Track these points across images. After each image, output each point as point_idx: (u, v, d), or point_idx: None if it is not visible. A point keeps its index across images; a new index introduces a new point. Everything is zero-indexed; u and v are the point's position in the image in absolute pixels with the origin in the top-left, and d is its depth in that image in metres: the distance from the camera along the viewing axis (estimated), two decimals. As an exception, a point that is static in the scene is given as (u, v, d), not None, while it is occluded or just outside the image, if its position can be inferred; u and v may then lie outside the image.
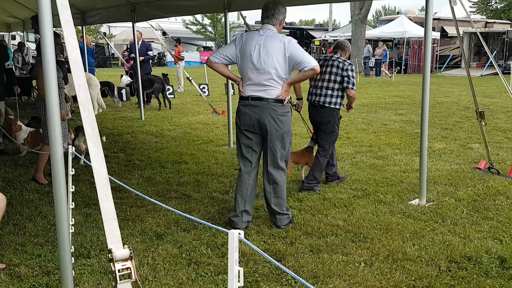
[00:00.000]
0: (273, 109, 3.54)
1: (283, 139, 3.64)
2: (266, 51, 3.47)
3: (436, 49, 25.30)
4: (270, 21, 3.60)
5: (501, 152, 6.32)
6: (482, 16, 42.60)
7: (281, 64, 3.49)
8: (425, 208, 4.13)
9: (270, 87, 3.53)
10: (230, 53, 3.63)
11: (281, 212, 3.71)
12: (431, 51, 16.74)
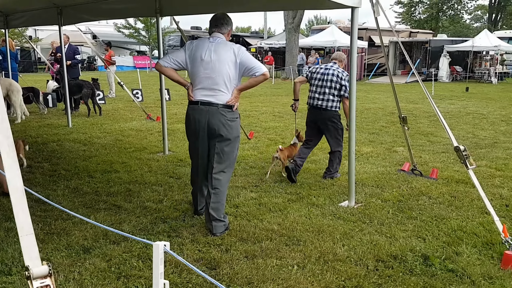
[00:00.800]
0: (222, 114, 3.60)
1: (231, 145, 3.70)
2: (217, 57, 3.55)
3: (364, 58, 26.64)
4: (220, 30, 3.70)
5: (423, 155, 6.75)
6: (406, 26, 45.50)
7: (232, 70, 3.57)
8: (354, 210, 4.29)
9: (220, 92, 3.59)
10: (179, 58, 3.67)
11: (218, 218, 3.69)
12: (360, 59, 17.55)
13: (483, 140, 7.89)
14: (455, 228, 3.83)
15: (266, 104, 13.38)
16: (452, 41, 27.77)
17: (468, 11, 58.43)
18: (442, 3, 52.03)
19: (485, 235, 3.67)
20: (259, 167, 5.92)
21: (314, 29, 32.74)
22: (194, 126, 3.70)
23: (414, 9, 54.61)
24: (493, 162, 6.25)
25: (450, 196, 4.74)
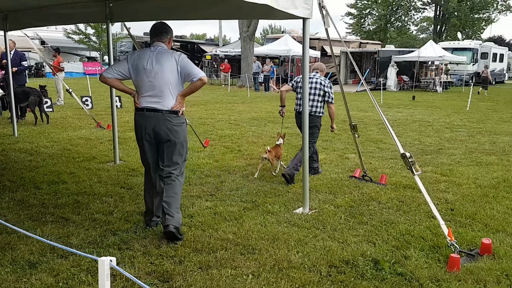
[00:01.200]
0: (168, 120, 3.74)
1: (179, 149, 3.84)
2: (158, 65, 3.70)
3: (318, 66, 27.18)
4: (160, 39, 3.85)
5: (373, 161, 6.97)
6: (357, 37, 47.07)
7: (174, 77, 3.72)
8: (308, 216, 4.35)
9: (165, 99, 3.73)
10: (122, 69, 3.80)
11: (171, 214, 3.73)
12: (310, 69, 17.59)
13: (429, 147, 8.26)
14: (403, 232, 3.96)
15: (222, 111, 13.35)
16: (399, 51, 29.04)
17: (415, 23, 61.44)
18: (390, 15, 54.41)
19: (432, 238, 3.82)
20: (214, 176, 5.88)
21: (269, 38, 33.18)
22: (142, 132, 3.83)
23: (363, 20, 56.72)
24: (438, 167, 6.55)
25: (398, 201, 4.92)
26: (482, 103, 18.13)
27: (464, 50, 30.63)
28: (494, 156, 7.39)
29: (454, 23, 53.52)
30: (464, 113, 14.06)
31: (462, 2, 52.77)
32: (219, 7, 4.73)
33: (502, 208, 4.66)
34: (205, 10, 4.94)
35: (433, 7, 55.96)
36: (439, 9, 54.92)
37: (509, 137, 9.32)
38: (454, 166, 6.66)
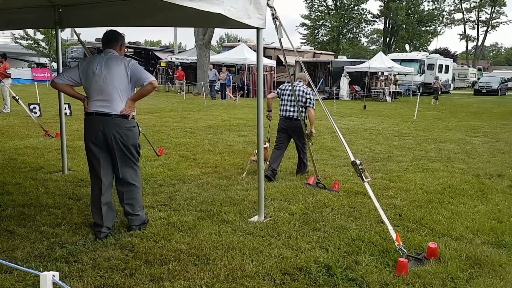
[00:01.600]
0: (118, 124, 3.81)
1: (131, 152, 3.94)
2: (108, 70, 3.77)
3: (274, 76, 27.60)
4: (111, 46, 3.96)
5: (327, 169, 7.12)
6: (311, 47, 48.16)
7: (124, 82, 3.80)
8: (263, 224, 4.37)
9: (114, 103, 3.80)
10: (73, 75, 3.89)
11: (134, 213, 4.04)
12: (269, 78, 18.07)
13: (379, 154, 8.55)
14: (354, 238, 4.07)
15: (177, 119, 13.19)
16: (351, 62, 29.99)
17: (366, 35, 63.87)
18: (342, 27, 56.18)
19: (381, 243, 3.94)
20: (168, 185, 5.78)
21: (225, 46, 33.29)
22: (92, 137, 3.88)
23: (317, 31, 58.23)
24: (387, 174, 6.79)
25: (350, 207, 5.05)
26: (428, 112, 19.03)
27: (411, 61, 32.12)
28: (440, 163, 7.76)
29: (403, 35, 56.08)
30: (412, 122, 14.68)
31: (410, 15, 55.43)
32: (173, 14, 4.69)
33: (447, 213, 4.88)
34: (158, 17, 4.88)
35: (383, 20, 58.42)
36: (388, 21, 57.40)
37: (454, 145, 9.83)
38: (402, 172, 6.93)
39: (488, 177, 6.65)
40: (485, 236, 4.20)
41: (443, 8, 59.13)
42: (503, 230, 4.32)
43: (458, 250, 3.81)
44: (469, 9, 65.57)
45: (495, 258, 3.67)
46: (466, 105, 24.31)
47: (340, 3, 56.35)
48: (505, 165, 7.59)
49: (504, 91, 39.32)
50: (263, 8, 3.99)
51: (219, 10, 3.58)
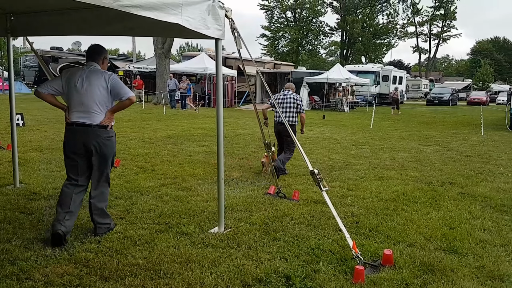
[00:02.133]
0: (97, 134, 4.06)
1: (108, 161, 4.20)
2: (88, 82, 4.00)
3: (235, 86, 27.71)
4: (93, 59, 4.18)
5: (287, 178, 7.18)
6: (271, 58, 48.80)
7: (103, 94, 4.03)
8: (223, 235, 4.34)
9: (94, 114, 4.02)
10: (56, 85, 4.10)
11: (101, 222, 4.24)
12: (230, 87, 18.17)
13: (337, 163, 8.73)
14: (313, 247, 4.11)
15: (135, 129, 12.94)
16: (310, 73, 30.59)
17: (324, 47, 65.44)
18: (301, 39, 57.35)
19: (339, 251, 4.01)
20: (125, 198, 5.64)
21: (185, 55, 33.09)
22: (72, 146, 4.10)
23: (277, 42, 59.11)
24: (345, 182, 6.94)
25: (309, 216, 5.11)
26: (384, 122, 19.67)
27: (367, 73, 33.20)
28: (394, 171, 8.02)
29: (359, 47, 57.96)
30: (368, 131, 15.12)
31: (365, 29, 57.43)
32: (130, 24, 4.61)
33: (401, 220, 5.04)
34: (115, 27, 4.78)
35: (340, 32, 60.15)
36: (345, 34, 59.19)
37: (408, 153, 10.19)
38: (359, 181, 7.10)
39: (440, 185, 6.94)
40: (437, 242, 4.36)
41: (396, 21, 61.79)
42: (454, 236, 4.51)
43: (412, 256, 3.93)
44: (422, 23, 68.72)
45: (447, 264, 3.81)
46: (419, 115, 25.34)
47: (299, 15, 57.59)
48: (456, 172, 7.95)
49: (455, 102, 41.38)
50: (222, 19, 4.01)
51: (177, 20, 3.57)
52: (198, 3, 3.76)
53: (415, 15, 66.61)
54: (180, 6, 3.58)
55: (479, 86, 56.74)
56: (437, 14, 67.29)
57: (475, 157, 9.83)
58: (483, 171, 8.13)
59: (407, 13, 65.56)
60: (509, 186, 6.88)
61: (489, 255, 4.04)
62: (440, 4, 66.48)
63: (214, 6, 3.90)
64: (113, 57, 41.80)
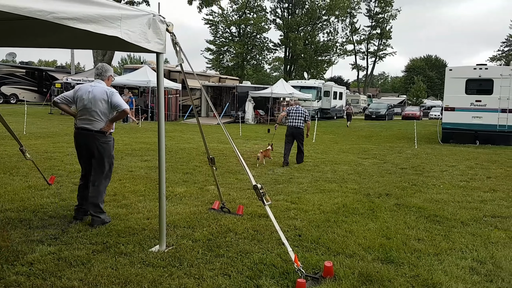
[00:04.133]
0: (97, 138, 5.00)
1: (104, 161, 5.07)
2: (93, 96, 4.95)
3: (179, 99, 27.40)
4: (100, 77, 5.18)
5: (232, 192, 7.16)
6: (216, 72, 48.91)
7: (104, 106, 4.98)
8: (165, 254, 4.22)
9: (96, 121, 4.98)
10: (69, 96, 5.10)
11: (95, 214, 5.02)
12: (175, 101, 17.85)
13: (281, 176, 8.85)
14: (257, 262, 4.11)
15: (71, 144, 12.23)
16: (255, 87, 31.02)
17: (268, 62, 66.68)
18: (246, 53, 58.09)
19: (282, 265, 4.03)
20: (60, 217, 5.35)
21: (127, 67, 32.30)
22: (78, 147, 5.18)
23: (222, 56, 59.44)
24: (289, 196, 7.04)
25: (253, 230, 5.11)
26: (325, 135, 20.27)
27: (310, 88, 34.20)
28: (335, 183, 8.26)
29: (301, 63, 59.67)
30: (311, 145, 15.49)
31: (307, 46, 59.29)
32: (66, 36, 4.42)
33: (341, 232, 5.18)
34: (51, 38, 4.57)
35: (283, 49, 61.66)
36: (288, 50, 60.76)
37: (348, 166, 10.55)
38: (302, 194, 7.24)
39: (377, 196, 7.23)
40: (375, 252, 4.52)
41: (336, 39, 64.44)
42: (391, 246, 4.69)
43: (351, 267, 4.04)
44: (359, 41, 72.23)
45: (385, 274, 3.96)
46: (358, 129, 26.38)
47: (243, 31, 58.40)
48: (392, 184, 8.33)
49: (391, 116, 43.60)
50: (163, 33, 3.97)
51: (116, 33, 3.48)
52: (138, 17, 3.70)
53: (353, 34, 69.94)
54: (119, 19, 3.50)
55: (413, 102, 60.30)
56: (374, 33, 71.19)
57: (409, 169, 10.37)
58: (417, 182, 8.58)
59: (346, 32, 68.73)
60: (441, 197, 7.31)
61: (423, 264, 4.25)
62: (376, 24, 70.43)
63: (155, 20, 3.86)
64: (50, 69, 40.04)
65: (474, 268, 4.18)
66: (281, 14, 61.06)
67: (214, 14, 56.82)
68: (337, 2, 58.17)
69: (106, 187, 5.25)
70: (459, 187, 8.17)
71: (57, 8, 2.95)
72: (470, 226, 5.60)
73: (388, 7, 69.47)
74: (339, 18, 62.94)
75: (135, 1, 27.84)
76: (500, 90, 16.19)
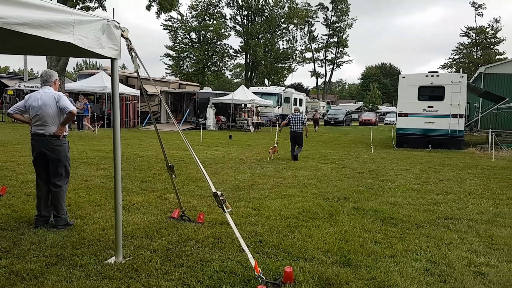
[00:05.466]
0: (51, 142, 5.18)
1: (60, 164, 5.25)
2: (42, 102, 5.11)
3: (138, 106, 26.89)
4: (47, 83, 5.29)
5: (192, 200, 7.07)
6: (176, 78, 48.43)
7: (54, 111, 5.14)
8: (121, 265, 4.10)
9: (48, 126, 5.15)
10: (20, 106, 5.29)
11: (58, 215, 5.23)
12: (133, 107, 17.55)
13: (243, 183, 8.84)
14: (217, 270, 4.07)
15: (25, 153, 11.81)
16: (216, 94, 30.95)
17: (229, 68, 66.80)
18: (206, 60, 57.88)
19: (242, 272, 4.02)
20: (12, 229, 5.10)
21: (83, 73, 31.39)
22: (34, 152, 5.27)
23: (182, 62, 58.93)
24: (250, 202, 7.03)
25: (214, 238, 5.06)
26: (286, 141, 20.45)
27: (271, 94, 34.56)
28: (296, 188, 8.35)
29: (262, 70, 60.17)
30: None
31: (267, 53, 59.88)
32: (18, 42, 4.25)
33: (301, 236, 5.23)
34: (1, 45, 4.38)
35: (244, 55, 61.96)
36: (249, 57, 61.11)
37: (308, 171, 10.70)
38: (263, 200, 7.26)
39: (336, 200, 7.37)
40: (334, 256, 4.59)
41: (295, 47, 65.51)
42: (349, 249, 4.79)
43: (311, 272, 4.09)
44: (318, 49, 73.82)
45: (343, 277, 4.03)
46: (317, 134, 26.87)
47: (204, 37, 58.20)
48: (350, 188, 8.52)
49: (349, 122, 44.74)
50: (117, 39, 3.88)
51: (69, 39, 3.38)
52: (91, 22, 3.61)
53: (311, 42, 71.41)
54: (72, 25, 3.41)
55: (369, 108, 62.17)
56: (331, 41, 72.99)
57: (366, 173, 10.65)
58: (373, 186, 8.82)
59: (304, 40, 70.06)
60: (396, 200, 7.55)
61: (379, 266, 4.36)
62: (333, 32, 72.29)
63: (109, 25, 3.77)
64: (1, 75, 38.34)
65: (428, 269, 4.33)
66: (241, 21, 61.40)
67: (173, 20, 56.34)
68: (295, 10, 59.25)
69: (66, 188, 5.43)
70: (413, 190, 8.48)
71: (6, 13, 2.85)
72: (424, 228, 5.81)
73: (344, 16, 71.62)
74: (298, 27, 64.09)
75: (91, 6, 27.14)
76: (451, 96, 16.99)
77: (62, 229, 5.14)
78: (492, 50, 70.59)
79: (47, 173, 5.28)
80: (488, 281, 4.04)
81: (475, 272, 4.25)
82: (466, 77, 17.44)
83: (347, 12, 71.46)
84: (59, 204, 5.23)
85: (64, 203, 5.33)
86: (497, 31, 69.36)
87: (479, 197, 7.91)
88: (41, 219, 5.30)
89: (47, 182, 5.29)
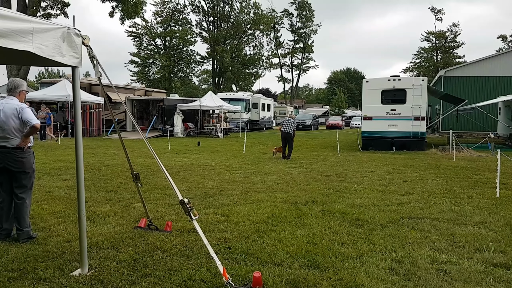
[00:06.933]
0: (14, 154, 5.02)
1: (26, 175, 5.13)
2: (4, 114, 4.94)
3: (102, 114, 26.34)
4: (11, 93, 5.13)
5: (160, 208, 6.98)
6: (142, 85, 47.77)
7: (17, 123, 4.98)
8: (87, 277, 4.01)
9: (11, 139, 4.99)
10: None
11: (20, 228, 5.09)
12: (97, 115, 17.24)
13: (211, 189, 8.80)
14: (185, 278, 4.04)
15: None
16: (183, 100, 30.72)
17: (196, 75, 66.56)
18: (172, 66, 57.41)
19: (211, 280, 4.00)
20: (-33, 245, 4.87)
21: (45, 82, 30.45)
22: None
23: (148, 69, 58.24)
24: (219, 208, 7.01)
25: (182, 246, 5.02)
26: (255, 147, 20.56)
27: (239, 100, 34.59)
28: (265, 193, 8.39)
29: (229, 76, 60.23)
30: (241, 156, 15.65)
31: (234, 59, 60.05)
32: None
33: (270, 241, 5.26)
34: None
35: (211, 61, 61.88)
36: (216, 63, 61.07)
37: (276, 176, 10.77)
38: (232, 206, 7.25)
39: (304, 204, 7.46)
40: (302, 259, 4.64)
41: (262, 53, 66.02)
42: (316, 252, 4.85)
43: (280, 276, 4.12)
44: (284, 55, 74.64)
45: (311, 279, 4.08)
46: (286, 139, 27.07)
47: (169, 43, 57.74)
48: (317, 191, 8.64)
49: (316, 126, 45.37)
50: (78, 47, 3.82)
51: (27, 48, 3.31)
52: (51, 30, 3.54)
53: (278, 48, 72.11)
54: (30, 33, 3.33)
55: (335, 112, 63.31)
56: (297, 47, 73.99)
57: (333, 176, 10.84)
58: (340, 188, 8.99)
59: (271, 46, 70.68)
60: (362, 201, 7.71)
61: (346, 267, 4.44)
62: (299, 38, 73.30)
63: (69, 33, 3.71)
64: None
65: (393, 268, 4.45)
66: (207, 27, 61.34)
67: (137, 26, 55.65)
68: (261, 17, 59.76)
69: (30, 200, 5.32)
70: (378, 191, 8.69)
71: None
72: (389, 228, 5.97)
73: (309, 22, 72.76)
74: (264, 33, 64.61)
75: (52, 13, 26.44)
76: (412, 100, 17.54)
77: (25, 242, 4.99)
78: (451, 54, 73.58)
79: (10, 184, 5.15)
80: (451, 277, 4.19)
81: (438, 269, 4.40)
82: (426, 80, 18.06)
83: (312, 18, 72.67)
84: (22, 217, 5.09)
85: (28, 216, 5.17)
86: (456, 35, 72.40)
87: (441, 197, 8.20)
88: (2, 232, 5.15)
89: (10, 193, 5.15)
